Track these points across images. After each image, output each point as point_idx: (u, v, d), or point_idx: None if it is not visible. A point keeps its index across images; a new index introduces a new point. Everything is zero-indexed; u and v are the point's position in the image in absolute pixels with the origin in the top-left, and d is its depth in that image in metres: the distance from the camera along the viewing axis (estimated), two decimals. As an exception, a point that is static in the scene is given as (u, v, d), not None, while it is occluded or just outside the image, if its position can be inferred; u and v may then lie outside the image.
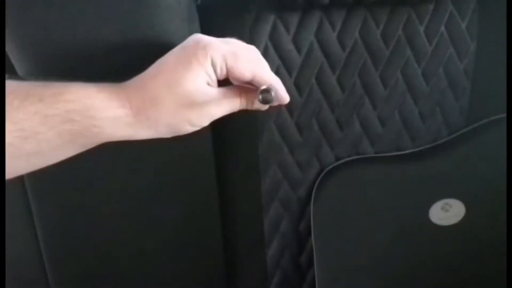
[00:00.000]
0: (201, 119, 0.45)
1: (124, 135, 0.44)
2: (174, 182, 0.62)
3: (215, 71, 0.43)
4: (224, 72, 0.43)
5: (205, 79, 0.43)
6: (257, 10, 0.60)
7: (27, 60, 0.50)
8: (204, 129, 0.61)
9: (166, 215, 0.64)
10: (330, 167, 0.66)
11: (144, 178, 0.61)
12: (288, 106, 0.63)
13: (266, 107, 0.49)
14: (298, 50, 0.61)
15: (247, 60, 0.44)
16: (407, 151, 0.68)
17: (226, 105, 0.45)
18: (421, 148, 0.68)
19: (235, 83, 0.47)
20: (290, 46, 0.61)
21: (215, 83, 0.44)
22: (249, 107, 0.48)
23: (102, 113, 0.41)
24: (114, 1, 0.48)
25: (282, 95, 0.48)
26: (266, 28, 0.60)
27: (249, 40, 0.60)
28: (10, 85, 0.39)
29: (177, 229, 0.65)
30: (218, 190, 0.64)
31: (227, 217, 0.66)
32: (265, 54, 0.61)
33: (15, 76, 0.52)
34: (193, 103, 0.43)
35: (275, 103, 0.48)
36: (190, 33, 0.50)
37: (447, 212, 0.68)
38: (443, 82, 0.66)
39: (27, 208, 0.60)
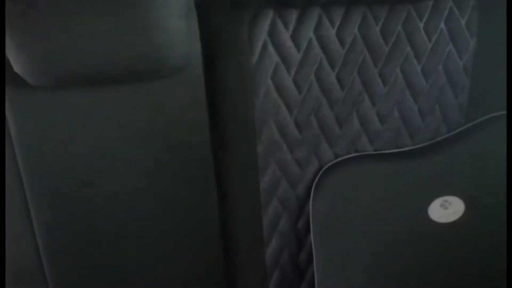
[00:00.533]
0: None
1: None
2: (172, 181, 0.62)
3: None
4: None
5: None
6: (256, 6, 0.59)
7: (23, 57, 0.49)
8: (202, 127, 0.61)
9: (164, 214, 0.63)
10: (329, 164, 0.66)
11: (142, 177, 0.61)
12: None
13: None
14: (297, 47, 0.61)
15: None
16: (406, 148, 0.68)
17: None
18: (420, 145, 0.68)
19: None
20: (289, 43, 0.60)
21: None
22: None
23: None
24: None
25: None
26: (265, 25, 0.59)
27: (248, 37, 0.60)
28: None
29: (175, 228, 0.64)
30: (217, 188, 0.64)
31: (226, 215, 0.66)
32: (264, 51, 0.60)
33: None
34: None
35: None
36: (189, 29, 0.49)
37: (446, 209, 0.68)
38: (442, 79, 0.65)
39: (25, 208, 0.60)
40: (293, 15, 0.60)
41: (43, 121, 0.56)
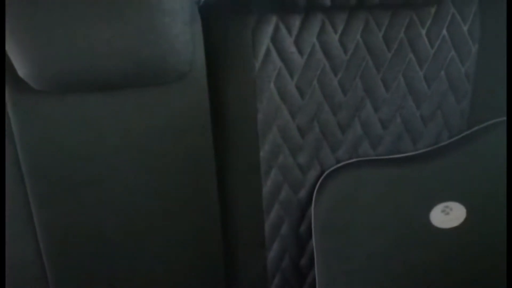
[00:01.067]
0: None
1: None
2: (175, 185, 0.62)
3: None
4: None
5: None
6: (260, 12, 0.59)
7: (28, 61, 0.50)
8: (205, 131, 0.61)
9: (167, 217, 0.63)
10: (331, 169, 0.66)
11: (145, 180, 0.61)
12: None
13: None
14: (300, 52, 0.61)
15: None
16: (408, 154, 0.68)
17: None
18: (422, 150, 0.68)
19: None
20: (292, 48, 0.61)
21: None
22: None
23: None
24: (115, 4, 0.47)
25: None
26: (269, 30, 0.60)
27: (251, 42, 0.60)
28: None
29: (177, 231, 0.64)
30: (219, 192, 0.64)
31: (227, 219, 0.66)
32: (267, 56, 0.61)
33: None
34: None
35: None
36: (192, 35, 0.50)
37: (447, 215, 0.68)
38: (444, 85, 0.66)
39: (27, 210, 0.60)
40: (296, 21, 0.60)
41: (47, 124, 0.57)
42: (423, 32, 0.63)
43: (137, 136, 0.59)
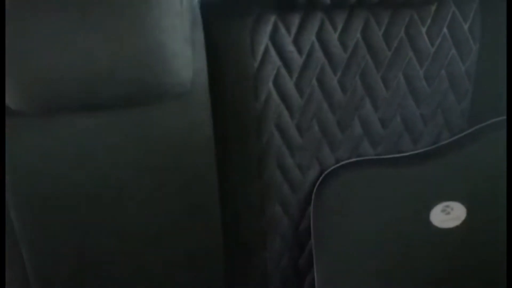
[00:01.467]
0: None
1: None
2: (173, 184, 0.62)
3: None
4: None
5: None
6: (258, 11, 0.59)
7: (13, 85, 0.48)
8: (205, 132, 0.61)
9: (165, 217, 0.63)
10: (330, 169, 0.66)
11: (143, 181, 0.60)
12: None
13: None
14: (299, 51, 0.60)
15: None
16: (408, 153, 0.67)
17: None
18: (422, 150, 0.68)
19: None
20: (291, 47, 0.60)
21: None
22: None
23: None
24: (109, 22, 0.46)
25: None
26: (267, 29, 0.59)
27: (250, 41, 0.59)
28: None
29: (176, 231, 0.64)
30: (218, 192, 0.64)
31: (227, 219, 0.66)
32: (266, 56, 0.60)
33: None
34: None
35: None
36: (193, 36, 0.49)
37: (448, 214, 0.67)
38: (445, 84, 0.65)
39: (13, 235, 0.59)
40: (295, 20, 0.60)
41: (36, 146, 0.55)
42: (424, 30, 0.62)
43: (138, 137, 0.59)
